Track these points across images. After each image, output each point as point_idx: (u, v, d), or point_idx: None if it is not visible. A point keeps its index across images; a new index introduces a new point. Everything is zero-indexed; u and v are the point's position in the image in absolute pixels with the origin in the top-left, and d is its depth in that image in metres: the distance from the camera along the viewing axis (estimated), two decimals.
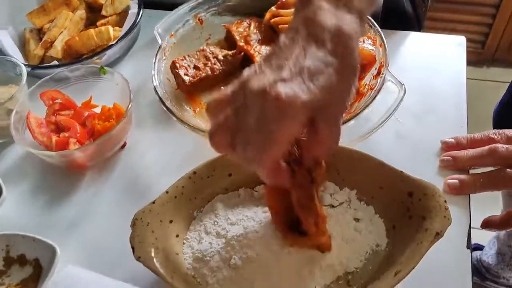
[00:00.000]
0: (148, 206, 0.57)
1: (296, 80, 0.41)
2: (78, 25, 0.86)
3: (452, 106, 0.74)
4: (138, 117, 0.76)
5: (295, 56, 0.42)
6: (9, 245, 0.61)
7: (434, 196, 0.54)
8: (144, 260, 0.53)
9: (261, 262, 0.53)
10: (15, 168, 0.72)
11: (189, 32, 0.83)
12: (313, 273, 0.53)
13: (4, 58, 0.78)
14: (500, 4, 1.85)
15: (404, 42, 0.85)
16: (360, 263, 0.55)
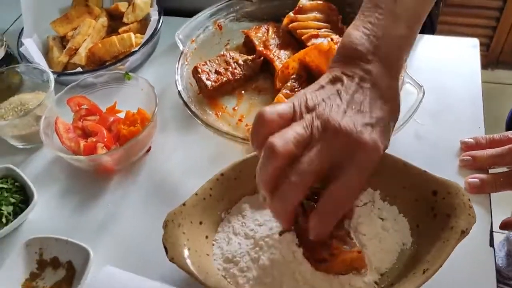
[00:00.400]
0: (179, 207, 0.59)
1: (379, 128, 0.46)
2: (100, 32, 0.88)
3: (468, 106, 0.75)
4: (161, 121, 0.78)
5: (370, 105, 0.47)
6: (42, 248, 0.63)
7: (458, 194, 0.56)
8: (177, 261, 0.54)
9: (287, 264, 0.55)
10: (45, 173, 0.74)
11: (209, 37, 0.85)
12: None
13: (31, 65, 0.80)
14: (504, 7, 1.87)
15: (418, 45, 0.87)
16: (390, 264, 0.56)
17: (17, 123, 0.73)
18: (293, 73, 0.76)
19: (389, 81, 0.49)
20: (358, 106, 0.46)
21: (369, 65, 0.49)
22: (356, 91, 0.48)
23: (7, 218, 0.65)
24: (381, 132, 0.46)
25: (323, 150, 0.44)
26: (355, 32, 0.51)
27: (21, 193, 0.68)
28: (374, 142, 0.45)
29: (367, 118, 0.46)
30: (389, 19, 0.50)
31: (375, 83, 0.48)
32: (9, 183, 0.68)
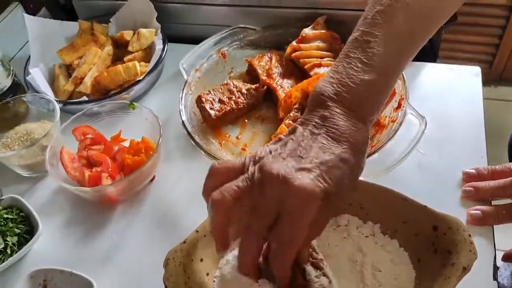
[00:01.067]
0: (179, 245, 0.59)
1: (314, 171, 0.45)
2: (106, 61, 0.89)
3: (471, 135, 0.75)
4: (165, 150, 0.79)
5: (314, 150, 0.47)
6: (47, 280, 0.63)
7: (458, 230, 0.56)
8: None
9: None
10: (49, 202, 0.75)
11: (213, 66, 0.87)
12: None
13: (38, 95, 0.82)
14: (506, 25, 1.88)
15: (420, 73, 0.87)
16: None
17: (23, 153, 0.74)
18: (296, 103, 0.77)
19: (349, 124, 0.49)
20: (301, 153, 0.47)
21: (326, 111, 0.49)
22: (305, 138, 0.48)
23: (11, 248, 0.66)
24: (319, 176, 0.45)
25: (257, 200, 0.45)
26: (321, 81, 0.52)
27: (26, 223, 0.69)
28: (302, 186, 0.44)
29: (304, 163, 0.46)
30: (354, 67, 0.51)
31: (328, 128, 0.49)
32: (14, 213, 0.69)
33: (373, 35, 0.52)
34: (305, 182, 0.44)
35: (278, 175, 0.45)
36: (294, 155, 0.47)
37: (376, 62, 0.51)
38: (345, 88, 0.50)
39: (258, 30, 0.90)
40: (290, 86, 0.81)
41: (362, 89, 0.50)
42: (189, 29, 0.98)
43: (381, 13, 0.53)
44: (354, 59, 0.51)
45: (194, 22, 0.98)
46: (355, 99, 0.50)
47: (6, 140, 0.78)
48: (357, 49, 0.52)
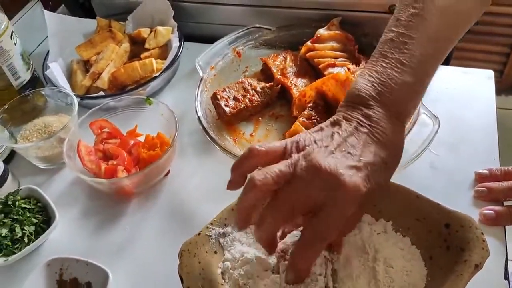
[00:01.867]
0: (194, 237, 0.60)
1: (364, 171, 0.47)
2: (123, 57, 0.91)
3: (484, 137, 0.76)
4: (180, 145, 0.80)
5: (361, 148, 0.48)
6: (63, 268, 0.64)
7: (471, 228, 0.56)
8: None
9: None
10: (66, 193, 0.76)
11: (228, 64, 0.88)
12: None
13: (56, 89, 0.83)
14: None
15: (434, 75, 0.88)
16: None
17: (41, 145, 0.75)
18: (310, 101, 0.78)
19: (391, 126, 0.50)
20: (349, 149, 0.48)
21: (369, 110, 0.51)
22: (351, 135, 0.49)
23: (29, 237, 0.67)
24: (367, 176, 0.47)
25: (301, 187, 0.46)
26: (360, 79, 0.53)
27: (43, 213, 0.70)
28: (354, 184, 0.45)
29: (353, 161, 0.47)
30: (394, 67, 0.52)
31: (373, 128, 0.50)
32: (31, 204, 0.71)
33: (410, 37, 0.53)
34: (358, 181, 0.46)
35: (329, 169, 0.46)
36: (342, 150, 0.48)
37: (415, 64, 0.52)
38: (387, 89, 0.51)
39: (273, 30, 0.91)
40: (304, 85, 0.82)
41: (403, 90, 0.52)
42: (205, 28, 0.99)
43: (416, 16, 0.54)
44: (392, 59, 0.52)
45: (210, 22, 0.99)
46: (396, 100, 0.51)
47: (25, 132, 0.79)
48: (394, 50, 0.53)
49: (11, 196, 0.71)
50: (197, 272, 0.57)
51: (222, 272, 0.60)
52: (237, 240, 0.62)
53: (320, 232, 0.46)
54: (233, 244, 0.61)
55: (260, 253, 0.61)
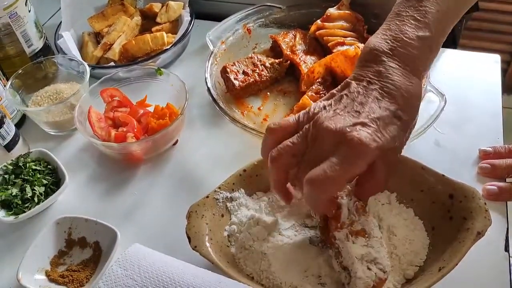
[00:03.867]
0: (202, 199, 0.61)
1: (372, 126, 0.47)
2: (134, 30, 0.92)
3: (488, 118, 0.77)
4: (188, 117, 0.81)
5: (370, 105, 0.48)
6: (71, 227, 0.65)
7: (474, 198, 0.57)
8: (200, 249, 0.56)
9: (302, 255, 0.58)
10: (75, 159, 0.77)
11: (238, 40, 0.89)
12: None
13: (68, 57, 0.84)
14: None
15: (441, 58, 0.89)
16: (417, 268, 0.57)
17: (52, 109, 0.76)
18: (319, 77, 0.79)
19: (404, 80, 0.50)
20: (357, 107, 0.48)
21: (380, 66, 0.50)
22: (359, 94, 0.49)
23: (39, 197, 0.68)
24: (376, 131, 0.47)
25: (314, 154, 0.48)
26: (373, 38, 0.53)
27: (53, 175, 0.72)
28: (360, 139, 0.45)
29: (360, 118, 0.47)
30: (408, 23, 0.52)
31: (384, 83, 0.49)
32: (42, 166, 0.72)
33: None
34: (363, 136, 0.45)
35: (335, 129, 0.47)
36: (350, 110, 0.48)
37: (430, 20, 0.52)
38: (400, 43, 0.51)
39: (283, 9, 0.92)
40: (313, 62, 0.83)
41: (416, 44, 0.51)
42: (215, 6, 1.00)
43: None
44: (406, 17, 0.52)
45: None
46: (410, 54, 0.51)
47: (36, 98, 0.81)
48: (409, 8, 0.53)
49: (22, 158, 0.72)
50: (204, 232, 0.58)
51: (228, 235, 0.61)
52: (244, 205, 0.63)
53: (321, 181, 0.45)
54: (240, 209, 0.63)
55: (265, 217, 0.62)
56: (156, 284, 0.48)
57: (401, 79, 0.50)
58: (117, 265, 0.49)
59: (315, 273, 0.57)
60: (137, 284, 0.47)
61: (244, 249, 0.59)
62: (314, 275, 0.56)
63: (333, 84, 0.77)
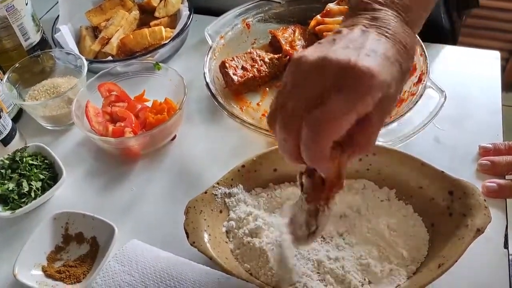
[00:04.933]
0: (200, 195, 0.61)
1: (376, 58, 0.41)
2: (132, 24, 0.91)
3: (488, 114, 0.77)
4: (186, 112, 0.80)
5: (369, 43, 0.43)
6: (69, 223, 0.65)
7: (474, 195, 0.57)
8: (198, 245, 0.56)
9: None
10: (72, 154, 0.77)
11: (237, 35, 0.88)
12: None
13: (65, 51, 0.84)
14: None
15: (440, 54, 0.89)
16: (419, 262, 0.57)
17: (49, 103, 0.76)
18: None
19: (402, 28, 0.46)
20: (355, 44, 0.43)
21: (376, 12, 0.47)
22: (355, 36, 0.44)
23: (35, 192, 0.68)
24: (379, 63, 0.41)
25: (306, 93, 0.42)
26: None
27: (50, 170, 0.71)
28: (369, 67, 0.39)
29: (363, 51, 0.42)
30: None
31: (381, 28, 0.45)
32: (39, 160, 0.71)
33: None
34: (372, 64, 0.40)
35: (334, 59, 0.40)
36: (348, 46, 0.42)
37: None
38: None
39: (283, 3, 0.91)
40: None
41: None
42: (214, 0, 0.99)
43: None
44: None
45: None
46: (404, 4, 0.47)
47: (33, 92, 0.80)
48: None
49: (18, 152, 0.71)
50: (203, 228, 0.58)
51: (226, 231, 0.61)
52: (243, 201, 0.63)
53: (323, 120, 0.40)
54: (239, 205, 0.62)
55: (264, 213, 0.62)
56: (154, 279, 0.48)
57: (397, 26, 0.46)
58: (115, 261, 0.49)
59: (314, 270, 0.56)
60: (134, 280, 0.47)
61: (242, 245, 0.59)
62: (313, 272, 0.56)
63: None
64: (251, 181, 0.65)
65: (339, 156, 0.44)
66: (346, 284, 0.55)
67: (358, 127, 0.43)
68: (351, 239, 0.60)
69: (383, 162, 0.64)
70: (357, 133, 0.43)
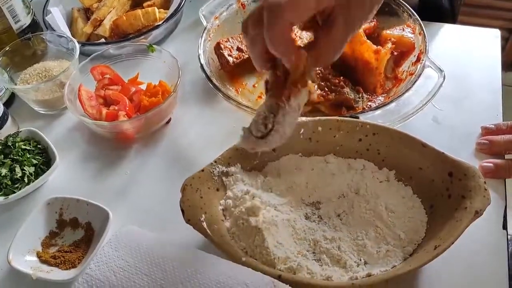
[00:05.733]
0: (197, 173, 0.60)
1: None
2: (125, 5, 0.89)
3: (488, 94, 0.76)
4: (181, 95, 0.79)
5: None
6: (63, 208, 0.64)
7: (474, 177, 0.56)
8: (193, 223, 0.55)
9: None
10: (66, 138, 0.76)
11: (232, 15, 0.86)
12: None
13: (57, 33, 0.82)
14: None
15: (439, 33, 0.87)
16: (416, 244, 0.56)
17: (41, 87, 0.74)
18: None
19: None
20: None
21: None
22: None
23: (29, 178, 0.67)
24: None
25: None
26: None
27: (43, 155, 0.70)
28: None
29: None
30: None
31: None
32: (31, 145, 0.70)
33: None
34: None
35: None
36: None
37: None
38: None
39: None
40: (309, 38, 0.81)
41: None
42: None
43: None
44: None
45: None
46: None
47: (25, 76, 0.78)
48: None
49: (10, 137, 0.70)
50: (199, 206, 0.57)
51: (223, 209, 0.60)
52: (240, 180, 0.62)
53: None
54: (236, 184, 0.62)
55: (261, 192, 0.61)
56: (149, 264, 0.47)
57: None
58: (109, 246, 0.48)
59: (310, 249, 0.56)
60: (129, 265, 0.46)
61: (238, 223, 0.58)
62: (309, 251, 0.56)
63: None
64: (249, 161, 0.64)
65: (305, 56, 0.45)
66: (342, 264, 0.54)
67: (323, 31, 0.44)
68: (349, 220, 0.60)
69: (383, 142, 0.63)
70: (321, 37, 0.45)
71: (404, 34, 0.77)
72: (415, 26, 0.77)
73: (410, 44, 0.76)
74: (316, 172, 0.64)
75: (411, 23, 0.78)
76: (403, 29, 0.78)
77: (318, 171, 0.64)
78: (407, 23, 0.79)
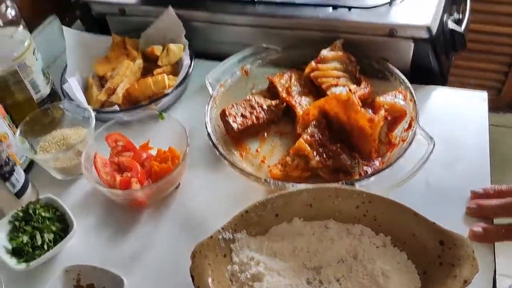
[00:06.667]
0: (206, 239, 0.64)
1: None
2: (137, 73, 0.96)
3: (476, 157, 0.80)
4: (189, 159, 0.84)
5: None
6: (80, 274, 0.68)
7: (463, 246, 0.61)
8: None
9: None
10: (82, 204, 0.81)
11: (236, 82, 0.92)
12: None
13: (74, 103, 0.88)
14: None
15: (430, 96, 0.92)
16: None
17: (60, 156, 0.80)
18: (313, 119, 0.82)
19: None
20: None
21: None
22: None
23: (48, 245, 0.71)
24: None
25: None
26: None
27: (61, 222, 0.75)
28: None
29: None
30: None
31: None
32: (50, 213, 0.75)
33: None
34: None
35: None
36: None
37: None
38: None
39: (279, 50, 0.95)
40: (308, 104, 0.86)
41: None
42: (214, 47, 1.04)
43: None
44: None
45: (219, 40, 1.04)
46: None
47: (44, 144, 0.84)
48: None
49: (31, 204, 0.75)
50: (207, 272, 0.61)
51: (230, 274, 0.64)
52: (246, 246, 0.66)
53: None
54: (242, 249, 0.66)
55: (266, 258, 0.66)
56: None
57: None
58: None
59: None
60: None
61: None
62: None
63: (327, 126, 0.81)
64: (254, 227, 0.68)
65: None
66: None
67: None
68: (347, 285, 0.63)
69: (378, 209, 0.67)
70: None
71: (396, 101, 0.82)
72: (406, 93, 0.83)
73: (402, 110, 0.82)
74: (317, 237, 0.68)
75: (402, 89, 0.84)
76: (395, 95, 0.83)
77: (318, 236, 0.68)
78: (399, 89, 0.84)
